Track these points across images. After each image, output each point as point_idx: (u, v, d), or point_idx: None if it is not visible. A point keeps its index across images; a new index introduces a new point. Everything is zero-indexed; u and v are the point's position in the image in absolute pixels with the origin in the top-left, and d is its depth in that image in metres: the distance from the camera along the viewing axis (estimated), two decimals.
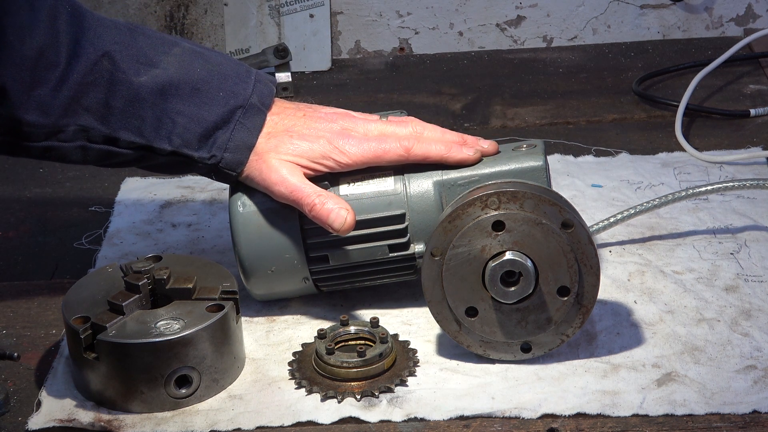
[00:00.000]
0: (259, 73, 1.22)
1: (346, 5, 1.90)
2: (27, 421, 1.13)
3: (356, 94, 1.79)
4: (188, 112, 1.18)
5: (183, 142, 1.18)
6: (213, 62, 1.20)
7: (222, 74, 1.19)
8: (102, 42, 1.16)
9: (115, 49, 1.16)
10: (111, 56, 1.16)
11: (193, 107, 1.18)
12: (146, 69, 1.17)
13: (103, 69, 1.16)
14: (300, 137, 1.19)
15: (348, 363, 1.14)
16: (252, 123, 1.19)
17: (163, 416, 1.13)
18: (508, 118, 1.68)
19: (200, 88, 1.18)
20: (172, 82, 1.17)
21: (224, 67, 1.20)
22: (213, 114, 1.18)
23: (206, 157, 1.19)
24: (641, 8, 1.90)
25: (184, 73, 1.18)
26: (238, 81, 1.20)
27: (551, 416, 1.10)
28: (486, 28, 1.91)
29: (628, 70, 1.80)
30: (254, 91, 1.20)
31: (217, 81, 1.19)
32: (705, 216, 1.39)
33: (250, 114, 1.19)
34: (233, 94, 1.19)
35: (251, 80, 1.20)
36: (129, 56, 1.17)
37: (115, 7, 1.89)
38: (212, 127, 1.18)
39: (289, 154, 1.19)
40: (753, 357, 1.15)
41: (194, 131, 1.18)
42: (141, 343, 1.11)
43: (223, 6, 1.89)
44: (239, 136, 1.19)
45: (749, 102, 1.67)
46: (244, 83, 1.20)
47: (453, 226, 1.13)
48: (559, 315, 1.14)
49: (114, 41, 1.17)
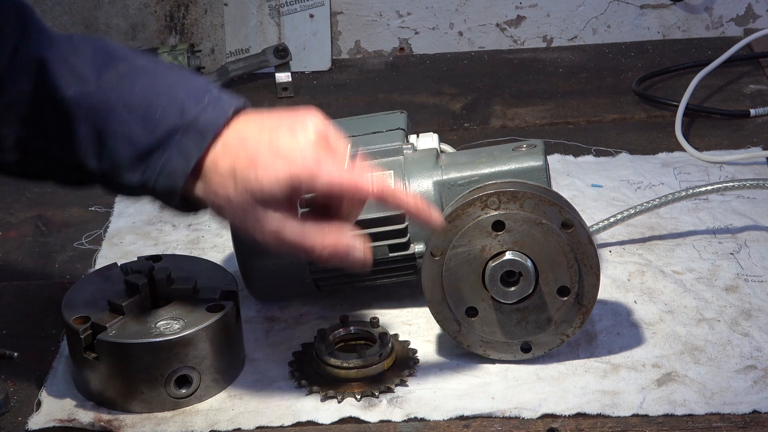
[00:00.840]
0: (220, 95, 1.09)
1: (346, 5, 1.90)
2: (27, 421, 1.13)
3: (356, 94, 1.79)
4: (120, 132, 1.06)
5: (113, 163, 1.07)
6: (162, 81, 1.09)
7: (167, 94, 1.08)
8: (39, 49, 1.07)
9: (51, 57, 1.07)
10: (44, 65, 1.07)
11: (123, 127, 1.07)
12: (78, 83, 1.07)
13: (37, 77, 1.07)
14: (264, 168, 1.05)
15: (348, 363, 1.14)
16: (189, 147, 1.06)
17: (163, 416, 1.13)
18: (508, 118, 1.68)
19: (135, 107, 1.07)
20: (104, 98, 1.07)
21: (174, 87, 1.08)
22: (146, 136, 1.06)
23: (137, 181, 1.07)
24: (641, 8, 1.90)
25: (121, 90, 1.07)
26: (186, 102, 1.07)
27: (551, 416, 1.10)
28: (486, 28, 1.91)
29: (628, 70, 1.80)
30: (203, 112, 1.06)
31: (157, 100, 1.07)
32: (705, 216, 1.39)
33: (189, 137, 1.06)
34: (174, 114, 1.06)
35: (203, 102, 1.07)
36: (63, 67, 1.07)
37: (116, 7, 1.89)
38: (145, 150, 1.06)
39: None
40: (753, 357, 1.15)
41: (124, 152, 1.06)
42: (141, 343, 1.11)
43: (223, 6, 1.89)
44: (174, 161, 1.06)
45: (749, 102, 1.67)
46: (193, 104, 1.07)
47: (453, 226, 1.13)
48: (559, 315, 1.14)
49: (51, 49, 1.08)
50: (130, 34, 1.90)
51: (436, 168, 1.22)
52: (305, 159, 1.04)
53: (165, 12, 1.90)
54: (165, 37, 1.90)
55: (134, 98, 1.07)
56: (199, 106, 1.07)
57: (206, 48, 1.91)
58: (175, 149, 1.06)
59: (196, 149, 1.05)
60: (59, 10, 1.89)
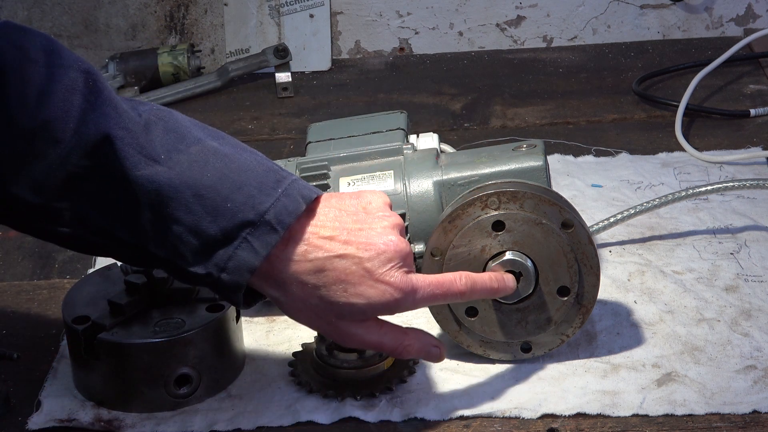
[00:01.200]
0: (294, 184, 1.04)
1: (346, 5, 1.90)
2: (27, 421, 1.13)
3: (356, 94, 1.79)
4: (186, 221, 1.01)
5: (176, 253, 1.02)
6: (234, 167, 1.03)
7: (238, 182, 1.02)
8: (106, 123, 1.00)
9: (118, 135, 1.00)
10: (111, 141, 1.00)
11: (191, 216, 1.01)
12: (147, 163, 1.01)
13: (101, 154, 1.00)
14: (356, 293, 1.04)
15: (348, 363, 1.14)
16: (260, 243, 1.02)
17: (163, 416, 1.13)
18: (508, 118, 1.68)
19: (204, 195, 1.01)
20: (172, 184, 1.01)
21: (246, 174, 1.03)
22: (214, 227, 1.01)
23: (202, 274, 1.03)
24: (641, 8, 1.90)
25: (190, 175, 1.01)
26: (257, 192, 1.02)
27: (551, 416, 1.10)
28: (486, 28, 1.91)
29: (628, 70, 1.80)
30: (274, 205, 1.02)
31: (228, 189, 1.01)
32: (705, 216, 1.39)
33: (260, 233, 1.01)
34: (245, 206, 1.01)
35: (276, 193, 1.02)
36: (132, 146, 1.00)
37: (116, 7, 1.89)
38: (211, 242, 1.01)
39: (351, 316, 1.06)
40: (753, 357, 1.15)
41: (189, 244, 1.02)
42: (141, 343, 1.11)
43: (223, 6, 1.89)
44: (242, 256, 1.01)
45: (749, 102, 1.67)
46: (265, 195, 1.02)
47: (453, 226, 1.13)
48: (559, 315, 1.14)
49: (120, 126, 1.01)
50: (130, 34, 1.90)
51: (436, 168, 1.22)
52: (399, 284, 1.05)
53: (165, 12, 1.90)
54: (165, 37, 1.90)
55: (204, 185, 1.01)
56: (271, 196, 1.02)
57: (206, 48, 1.91)
58: (244, 244, 1.01)
59: (266, 245, 1.02)
60: (59, 10, 1.89)
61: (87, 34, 1.90)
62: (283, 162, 1.27)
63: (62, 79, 0.99)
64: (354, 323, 1.05)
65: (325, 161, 1.25)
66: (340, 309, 1.04)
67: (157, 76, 1.81)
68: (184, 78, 1.81)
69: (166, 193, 1.01)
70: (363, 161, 1.25)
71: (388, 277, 1.04)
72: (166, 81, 1.81)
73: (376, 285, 1.04)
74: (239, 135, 1.69)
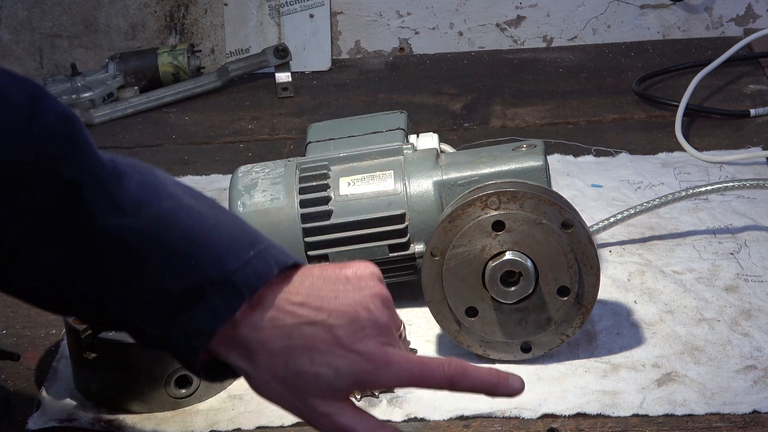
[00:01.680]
0: (269, 249, 0.96)
1: (346, 5, 1.90)
2: (27, 421, 1.13)
3: (356, 94, 1.79)
4: (147, 276, 0.93)
5: (135, 310, 0.94)
6: (206, 225, 0.96)
7: (207, 240, 0.95)
8: (77, 170, 0.93)
9: (87, 182, 0.93)
10: (79, 188, 0.93)
11: (153, 272, 0.93)
12: (113, 214, 0.93)
13: (67, 199, 0.93)
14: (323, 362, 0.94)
15: None
16: (222, 306, 0.93)
17: (163, 416, 1.13)
18: (508, 118, 1.68)
19: (169, 251, 0.94)
20: (137, 236, 0.93)
21: (218, 234, 0.95)
22: (175, 285, 0.93)
23: (158, 336, 0.94)
24: (641, 8, 1.90)
25: (157, 230, 0.94)
26: (226, 251, 0.94)
27: (551, 416, 1.10)
28: (486, 28, 1.91)
29: (628, 70, 1.80)
30: (243, 267, 0.94)
31: (195, 247, 0.94)
32: (705, 216, 1.39)
33: (223, 294, 0.93)
34: (211, 265, 0.93)
35: (248, 255, 0.95)
36: (100, 194, 0.93)
37: (116, 7, 1.89)
38: (171, 301, 0.93)
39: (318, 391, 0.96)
40: (753, 357, 1.15)
41: (148, 302, 0.93)
42: None
43: (223, 6, 1.89)
44: (201, 318, 0.93)
45: (749, 102, 1.67)
46: (235, 256, 0.94)
47: (453, 226, 1.13)
48: (559, 315, 1.14)
49: (90, 174, 0.94)
50: (130, 34, 1.90)
51: (436, 168, 1.22)
52: (371, 354, 0.94)
53: (165, 12, 1.90)
54: (165, 37, 1.90)
55: (170, 241, 0.94)
56: (241, 258, 0.94)
57: (206, 48, 1.91)
58: (206, 305, 0.93)
59: (229, 308, 0.93)
60: (59, 10, 1.89)
61: (87, 34, 1.90)
62: (283, 162, 1.27)
63: (40, 125, 0.93)
64: (326, 401, 0.95)
65: (325, 161, 1.26)
66: (308, 380, 0.95)
67: (157, 76, 1.81)
68: (184, 78, 1.82)
69: (130, 245, 0.93)
70: (363, 161, 1.25)
71: (360, 346, 0.94)
72: (166, 81, 1.81)
73: (346, 354, 0.94)
74: (239, 135, 1.69)
